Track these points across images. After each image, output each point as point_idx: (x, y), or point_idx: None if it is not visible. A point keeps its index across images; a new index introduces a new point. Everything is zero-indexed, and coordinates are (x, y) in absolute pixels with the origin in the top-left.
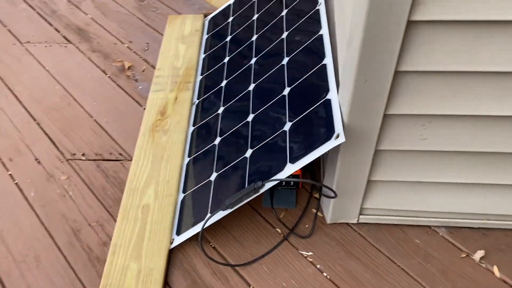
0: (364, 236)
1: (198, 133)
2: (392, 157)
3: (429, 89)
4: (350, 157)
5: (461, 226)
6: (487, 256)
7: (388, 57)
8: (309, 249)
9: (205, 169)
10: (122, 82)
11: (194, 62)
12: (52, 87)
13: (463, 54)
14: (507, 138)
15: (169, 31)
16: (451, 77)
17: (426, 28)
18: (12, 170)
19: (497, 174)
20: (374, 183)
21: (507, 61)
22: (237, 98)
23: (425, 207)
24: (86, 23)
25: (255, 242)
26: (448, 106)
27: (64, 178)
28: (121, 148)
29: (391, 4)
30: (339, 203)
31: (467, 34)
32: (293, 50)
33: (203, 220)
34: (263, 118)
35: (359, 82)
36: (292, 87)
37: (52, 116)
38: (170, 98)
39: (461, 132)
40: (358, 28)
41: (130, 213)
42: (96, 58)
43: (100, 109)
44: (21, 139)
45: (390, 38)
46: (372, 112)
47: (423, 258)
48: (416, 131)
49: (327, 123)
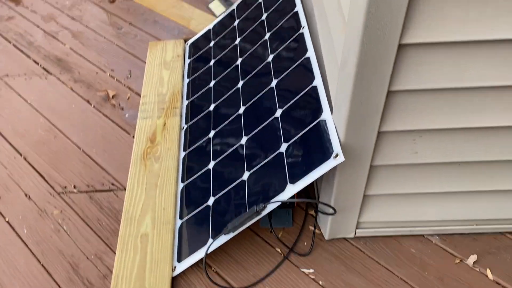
0: (362, 250)
1: (190, 158)
2: (386, 171)
3: (419, 106)
4: (347, 174)
5: (453, 233)
6: (480, 260)
7: (381, 78)
8: (310, 266)
9: (201, 194)
10: (107, 111)
11: (179, 87)
12: (36, 120)
13: (450, 72)
14: (491, 148)
15: (151, 57)
16: (439, 94)
17: (415, 50)
18: (1, 208)
19: (483, 181)
20: (369, 198)
21: (491, 76)
22: (227, 121)
23: (418, 217)
24: (65, 53)
25: (257, 263)
26: (437, 121)
27: (57, 213)
28: (113, 178)
29: (383, 30)
30: (336, 219)
31: (453, 54)
32: (281, 73)
33: (205, 246)
34: (257, 140)
35: (354, 103)
36: (283, 109)
37: (39, 149)
38: (158, 124)
39: (449, 145)
40: (352, 53)
41: (129, 243)
42: (79, 88)
43: (87, 140)
44: (9, 175)
45: (382, 61)
46: (367, 130)
47: (420, 266)
48: (408, 146)
49: (325, 143)
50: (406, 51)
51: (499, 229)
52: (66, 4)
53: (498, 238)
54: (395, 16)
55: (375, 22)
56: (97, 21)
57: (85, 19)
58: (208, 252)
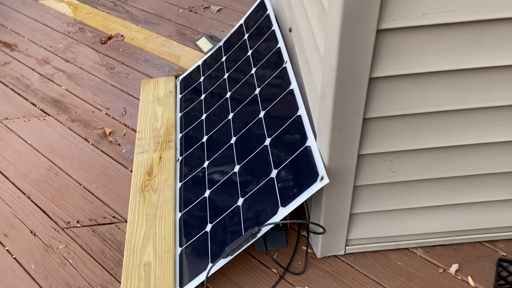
0: (352, 265)
1: (186, 188)
2: (369, 190)
3: (392, 130)
4: (333, 195)
5: (435, 245)
6: (461, 268)
7: (356, 108)
8: (304, 284)
9: (199, 221)
10: (105, 148)
11: (172, 121)
12: (36, 159)
13: (416, 100)
14: (461, 164)
15: (144, 94)
16: (408, 119)
17: (384, 82)
18: (8, 246)
19: (457, 195)
20: (356, 216)
21: (452, 101)
22: (220, 151)
23: (402, 231)
24: (61, 95)
25: (255, 285)
26: (409, 142)
27: (62, 247)
28: (114, 211)
29: (355, 67)
30: (327, 238)
31: (417, 83)
32: (268, 104)
33: (205, 270)
34: (249, 167)
35: (334, 131)
36: (272, 137)
37: (41, 188)
38: (155, 158)
39: (424, 163)
40: (329, 88)
41: (133, 273)
42: (77, 128)
43: (88, 176)
44: (14, 214)
45: (356, 93)
46: (348, 154)
47: (406, 277)
48: (386, 166)
49: (311, 168)
50: (376, 83)
51: (477, 238)
52: (60, 47)
53: (477, 247)
54: (365, 54)
55: (348, 60)
56: (90, 62)
57: (78, 61)
58: (208, 275)
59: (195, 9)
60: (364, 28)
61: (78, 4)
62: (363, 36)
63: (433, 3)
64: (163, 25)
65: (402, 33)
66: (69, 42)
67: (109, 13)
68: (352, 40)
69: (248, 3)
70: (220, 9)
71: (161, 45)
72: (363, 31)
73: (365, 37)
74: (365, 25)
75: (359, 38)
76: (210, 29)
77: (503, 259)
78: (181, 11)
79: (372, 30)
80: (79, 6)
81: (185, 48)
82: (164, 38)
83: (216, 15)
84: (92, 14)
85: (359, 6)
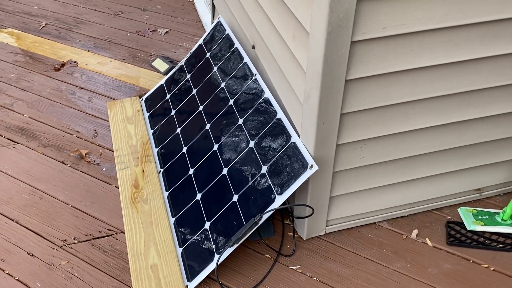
0: (332, 242)
1: (174, 195)
2: (343, 175)
3: (361, 122)
4: (317, 182)
5: (396, 217)
6: (420, 233)
7: (336, 105)
8: (296, 263)
9: (195, 222)
10: (84, 168)
11: (146, 137)
12: (16, 186)
13: (379, 95)
14: (414, 145)
15: (112, 115)
16: (373, 112)
17: (355, 83)
18: (8, 270)
19: (412, 172)
20: (334, 198)
21: (405, 95)
22: (204, 158)
23: (370, 208)
24: (25, 122)
25: (254, 270)
26: (374, 131)
27: (64, 263)
28: (108, 225)
29: (335, 72)
30: (311, 221)
31: (380, 82)
32: (245, 113)
33: (212, 261)
34: (237, 168)
35: (319, 125)
36: (255, 140)
37: (28, 212)
38: (137, 172)
39: (385, 147)
40: (315, 90)
41: (142, 274)
42: (50, 152)
43: (74, 196)
44: (6, 239)
45: (335, 93)
46: (329, 145)
47: (379, 246)
48: (357, 153)
49: (299, 159)
50: (350, 84)
51: (428, 207)
52: (12, 77)
53: (428, 215)
54: (342, 62)
55: (330, 67)
56: (48, 89)
57: (36, 89)
58: (218, 263)
59: (142, 32)
60: (342, 41)
61: (20, 33)
62: (341, 48)
63: (390, 19)
64: (114, 49)
65: (368, 43)
66: (20, 71)
67: (56, 40)
68: (333, 51)
69: (192, 25)
70: (167, 31)
71: (116, 68)
72: (341, 44)
73: (343, 48)
74: (342, 39)
75: (338, 49)
76: (161, 51)
77: (450, 221)
78: (129, 35)
79: (347, 42)
80: (21, 35)
81: (142, 70)
82: (118, 61)
83: (164, 37)
84: (37, 42)
85: (338, 25)
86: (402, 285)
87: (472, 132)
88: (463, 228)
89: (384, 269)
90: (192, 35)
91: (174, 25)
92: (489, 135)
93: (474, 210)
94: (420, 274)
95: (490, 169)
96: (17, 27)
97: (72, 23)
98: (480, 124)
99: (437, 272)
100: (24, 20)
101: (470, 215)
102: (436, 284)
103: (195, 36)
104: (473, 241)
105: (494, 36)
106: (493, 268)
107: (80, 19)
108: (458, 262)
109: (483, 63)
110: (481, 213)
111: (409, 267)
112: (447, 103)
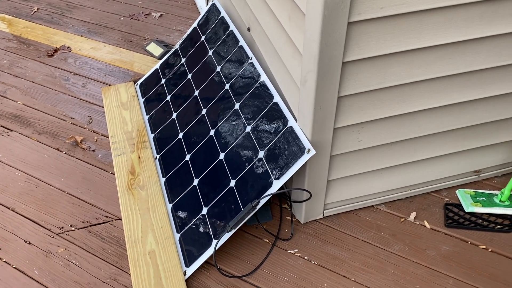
0: (330, 226)
1: (171, 181)
2: (341, 159)
3: (358, 105)
4: (315, 166)
5: (394, 200)
6: (418, 216)
7: (333, 88)
8: (294, 247)
9: (193, 208)
10: (80, 155)
11: (142, 123)
12: (11, 174)
13: (376, 78)
14: (412, 128)
15: (107, 101)
16: (370, 94)
17: (352, 65)
18: (5, 258)
19: (410, 154)
20: (331, 182)
21: (403, 76)
22: (201, 144)
23: (368, 191)
24: (19, 110)
25: (252, 254)
26: (371, 114)
27: (62, 250)
28: (105, 211)
29: (332, 54)
30: (309, 205)
31: (378, 64)
32: (241, 97)
33: (210, 247)
34: (234, 153)
35: (316, 109)
36: (252, 125)
37: (24, 200)
38: (134, 158)
39: (383, 130)
40: (311, 73)
41: (140, 261)
42: (45, 139)
43: (70, 183)
44: (2, 228)
45: (332, 76)
46: (326, 129)
47: (376, 229)
48: (354, 136)
49: (297, 143)
50: (347, 67)
51: (426, 190)
52: (4, 63)
53: (427, 197)
54: (339, 43)
55: (326, 50)
56: (42, 76)
57: (29, 75)
58: (216, 248)
59: (136, 16)
60: (338, 22)
61: (12, 19)
62: (338, 29)
63: None
64: (108, 33)
65: (365, 24)
66: (13, 57)
67: (48, 26)
68: (330, 33)
69: (187, 7)
70: (162, 14)
71: (110, 53)
72: (338, 25)
73: (340, 30)
74: (339, 20)
75: (335, 31)
76: (156, 35)
77: (448, 203)
78: (122, 19)
79: (344, 24)
80: (13, 20)
81: (136, 54)
82: (112, 46)
83: (158, 21)
84: (30, 28)
85: (334, 6)
86: (400, 267)
87: (471, 114)
88: (461, 210)
89: (382, 252)
90: (186, 18)
91: (168, 8)
92: (488, 117)
93: (472, 191)
94: (418, 257)
95: (488, 151)
96: (8, 12)
97: (64, 7)
98: (479, 105)
99: (435, 254)
100: (15, 5)
101: (468, 196)
102: (434, 266)
103: (190, 19)
104: (471, 223)
105: (494, 15)
106: (491, 250)
107: (72, 3)
108: (456, 244)
109: (483, 43)
110: (479, 195)
111: (407, 250)
112: (446, 84)
